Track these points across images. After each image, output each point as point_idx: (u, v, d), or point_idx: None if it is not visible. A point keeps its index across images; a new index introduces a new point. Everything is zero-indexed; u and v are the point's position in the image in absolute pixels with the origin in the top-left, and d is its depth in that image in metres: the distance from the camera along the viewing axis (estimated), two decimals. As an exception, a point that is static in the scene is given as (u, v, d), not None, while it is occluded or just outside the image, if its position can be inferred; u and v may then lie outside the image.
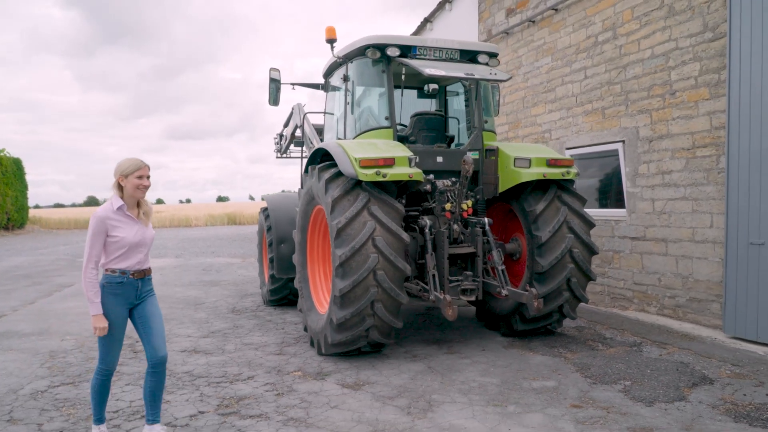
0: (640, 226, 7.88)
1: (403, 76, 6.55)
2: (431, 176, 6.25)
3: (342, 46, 6.89)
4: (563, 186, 6.31)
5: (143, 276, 3.80)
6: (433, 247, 5.93)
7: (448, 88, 7.84)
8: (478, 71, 6.21)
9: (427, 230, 5.95)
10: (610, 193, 8.71)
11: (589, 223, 6.23)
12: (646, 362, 5.54)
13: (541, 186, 6.26)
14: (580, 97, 9.01)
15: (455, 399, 4.66)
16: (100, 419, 3.83)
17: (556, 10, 9.49)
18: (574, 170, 6.20)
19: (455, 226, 6.09)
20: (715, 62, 6.79)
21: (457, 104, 7.80)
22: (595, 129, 8.72)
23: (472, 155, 6.46)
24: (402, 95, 6.92)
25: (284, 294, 8.44)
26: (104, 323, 3.61)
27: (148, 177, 3.78)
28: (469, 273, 6.01)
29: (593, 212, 8.86)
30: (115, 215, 3.67)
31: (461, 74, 6.00)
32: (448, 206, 6.05)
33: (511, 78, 6.61)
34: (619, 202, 8.40)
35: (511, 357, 5.83)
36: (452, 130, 7.53)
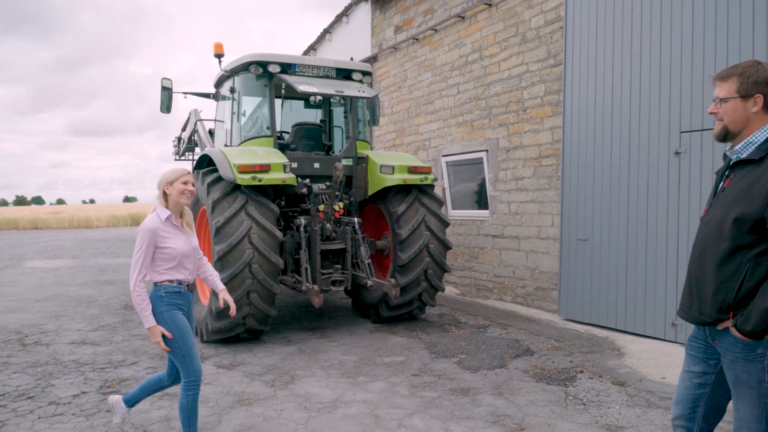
0: (499, 225, 8.97)
1: (283, 90, 7.26)
2: (307, 180, 7.00)
3: (229, 60, 7.53)
4: (423, 190, 7.23)
5: (193, 289, 3.76)
6: (307, 243, 6.68)
7: (332, 100, 8.61)
8: (349, 88, 7.03)
9: (302, 229, 6.69)
10: (478, 196, 9.78)
11: (445, 222, 7.19)
12: (485, 340, 6.52)
13: (404, 190, 7.15)
14: (453, 110, 10.04)
15: (315, 373, 5.43)
16: (131, 405, 3.91)
17: (435, 30, 10.48)
18: (431, 177, 7.13)
19: (328, 225, 6.88)
20: (556, 85, 7.94)
21: (340, 115, 8.60)
22: (466, 139, 9.76)
23: (345, 162, 7.28)
24: (282, 107, 7.62)
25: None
26: (160, 335, 3.46)
27: (193, 184, 3.71)
28: (339, 266, 6.82)
29: (465, 213, 9.92)
30: (164, 226, 3.55)
31: (332, 91, 6.79)
32: (321, 207, 6.82)
33: (377, 95, 7.46)
34: (484, 204, 9.47)
35: (374, 339, 6.67)
36: (337, 139, 8.32)
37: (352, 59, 13.16)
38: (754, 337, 2.26)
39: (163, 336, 3.49)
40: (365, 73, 7.69)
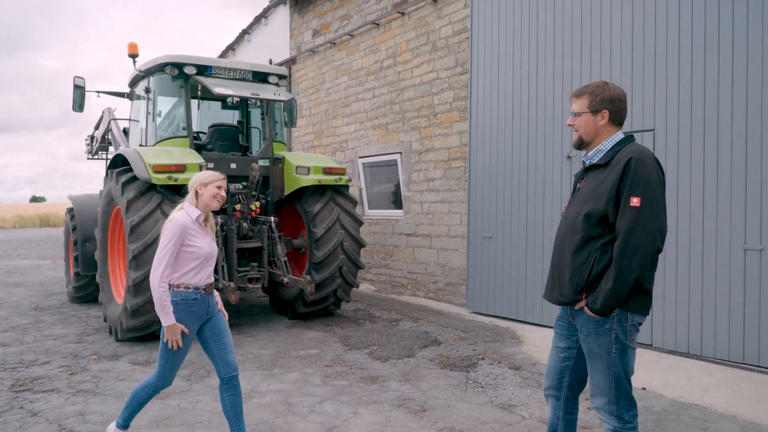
0: (413, 224, 9.40)
1: (199, 91, 7.37)
2: None
3: (144, 61, 7.55)
4: (338, 190, 7.53)
5: (212, 290, 3.69)
6: (224, 242, 6.83)
7: (249, 102, 8.75)
8: (264, 91, 7.23)
9: (218, 228, 6.82)
10: (394, 196, 10.18)
11: (359, 221, 7.52)
12: (396, 332, 6.90)
13: (319, 190, 7.42)
14: (369, 113, 10.40)
15: (231, 367, 5.61)
16: (125, 426, 3.78)
17: (351, 35, 10.81)
18: (345, 177, 7.45)
19: (244, 224, 7.05)
20: (463, 92, 8.44)
21: (257, 116, 8.75)
22: (381, 141, 10.14)
23: (262, 163, 7.46)
24: (199, 107, 7.72)
25: (89, 291, 8.79)
26: (178, 333, 3.47)
27: (227, 190, 3.76)
28: (255, 264, 7.01)
29: (381, 213, 10.30)
30: (193, 224, 3.56)
31: (248, 94, 6.97)
32: (238, 207, 6.98)
33: (293, 98, 7.70)
34: (399, 204, 9.88)
35: (290, 334, 6.90)
36: (254, 140, 8.48)
37: (270, 61, 13.27)
38: (602, 314, 2.68)
39: (163, 335, 3.50)
40: (281, 77, 7.91)
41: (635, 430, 2.75)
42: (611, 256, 2.66)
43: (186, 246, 3.51)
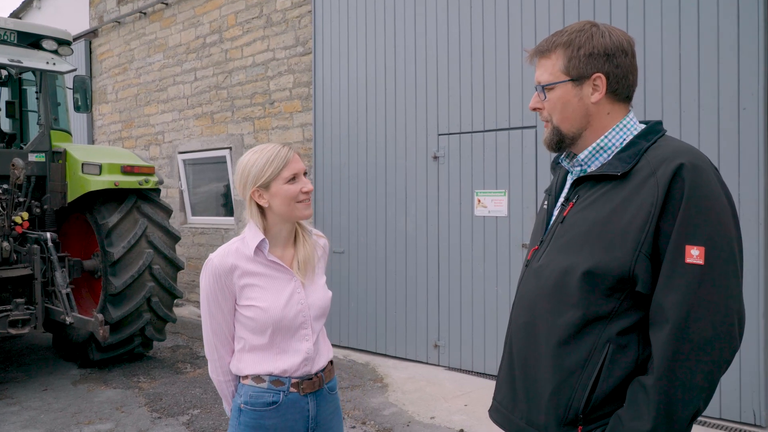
0: (246, 235, 7.79)
1: None
2: None
3: None
4: (146, 195, 5.73)
5: (320, 386, 1.95)
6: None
7: (24, 77, 6.56)
8: (30, 58, 5.22)
9: (-41, 251, 4.74)
10: (224, 199, 8.47)
11: (174, 237, 5.79)
12: (226, 382, 5.30)
13: (117, 196, 5.56)
14: (191, 99, 8.57)
15: (-34, 471, 3.68)
16: None
17: (166, 4, 8.87)
18: (154, 179, 5.67)
19: (5, 244, 5.01)
20: (305, 76, 7.01)
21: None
22: (206, 134, 8.38)
23: (36, 158, 5.45)
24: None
25: None
26: None
27: (306, 173, 1.93)
28: (21, 300, 4.99)
29: (207, 220, 8.53)
30: (249, 263, 1.88)
31: (3, 60, 4.93)
32: (-7, 220, 4.93)
33: (75, 70, 5.75)
34: (230, 210, 8.21)
35: (75, 396, 5.00)
36: (33, 128, 6.31)
37: (65, 32, 10.79)
38: None
39: None
40: (62, 42, 5.87)
41: None
42: (638, 357, 1.40)
43: (240, 308, 1.90)
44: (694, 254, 1.32)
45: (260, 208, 1.92)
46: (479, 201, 5.36)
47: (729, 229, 1.35)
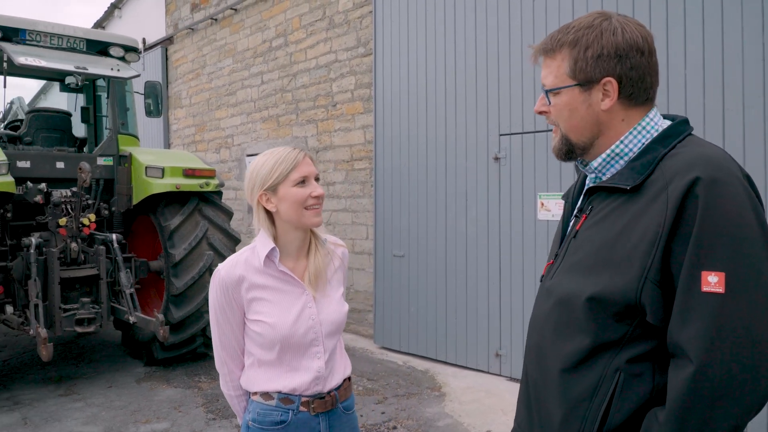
0: (309, 237, 7.81)
1: (4, 63, 5.41)
2: (43, 185, 5.25)
3: None
4: (207, 198, 5.81)
5: (333, 406, 1.84)
6: (40, 270, 4.96)
7: (98, 84, 6.83)
8: (96, 65, 5.40)
9: (32, 250, 4.95)
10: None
11: (234, 239, 5.83)
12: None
13: (179, 199, 5.66)
14: (258, 103, 8.70)
15: (29, 465, 3.81)
16: None
17: (235, 10, 9.05)
18: (214, 182, 5.74)
19: (73, 245, 5.20)
20: (366, 77, 6.93)
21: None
22: (272, 136, 8.47)
23: (105, 162, 5.64)
24: (5, 85, 5.75)
25: None
26: None
27: (317, 178, 1.83)
28: (87, 299, 5.17)
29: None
30: (257, 275, 1.80)
31: (70, 67, 5.12)
32: (63, 221, 5.13)
33: (138, 76, 5.89)
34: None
35: (138, 393, 5.12)
36: (105, 131, 6.57)
37: (144, 41, 11.26)
38: None
39: None
40: (129, 49, 6.06)
41: None
42: (653, 386, 1.21)
43: (249, 321, 1.79)
44: (712, 281, 1.12)
45: (269, 214, 1.81)
46: (542, 204, 5.09)
47: (756, 250, 1.13)
